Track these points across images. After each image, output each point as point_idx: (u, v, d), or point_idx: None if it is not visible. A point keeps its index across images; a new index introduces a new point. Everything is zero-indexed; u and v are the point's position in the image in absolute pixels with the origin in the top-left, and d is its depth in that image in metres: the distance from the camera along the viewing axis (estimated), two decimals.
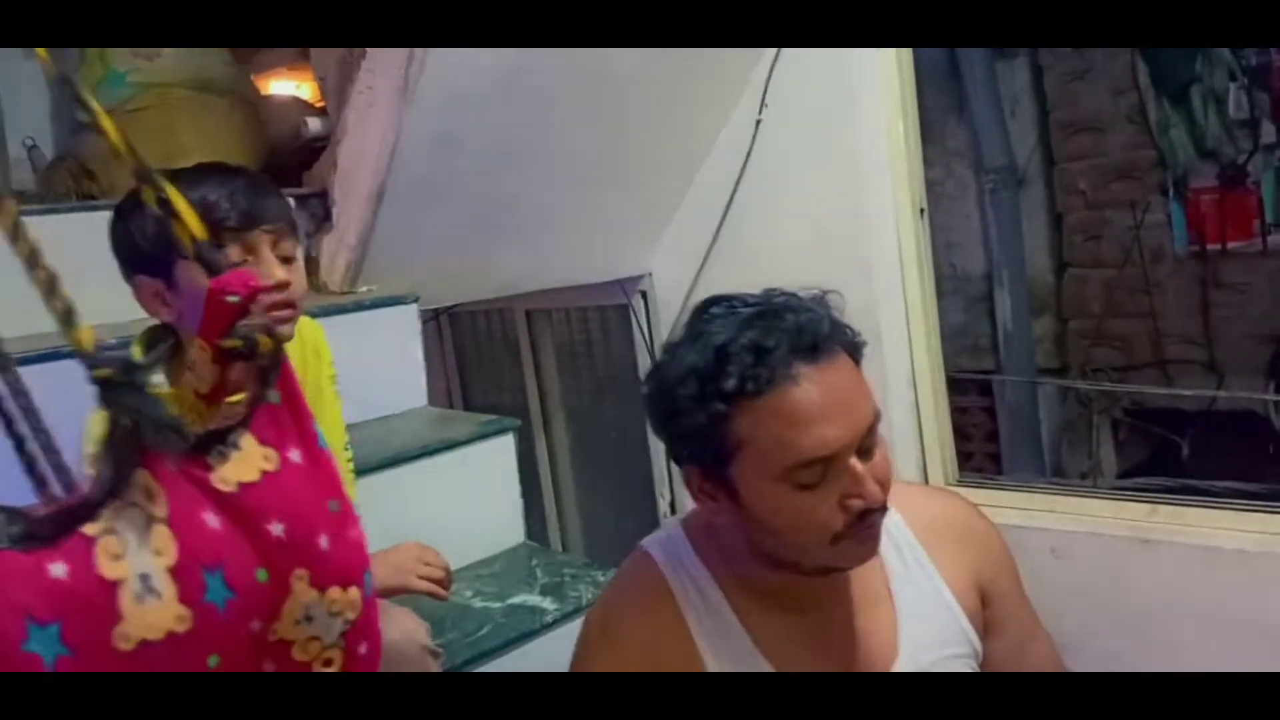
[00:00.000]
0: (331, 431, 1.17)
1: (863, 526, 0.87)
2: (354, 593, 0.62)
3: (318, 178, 1.85)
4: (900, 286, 1.92)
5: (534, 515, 2.87)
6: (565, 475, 2.86)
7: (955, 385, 3.44)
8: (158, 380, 1.03)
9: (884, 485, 0.88)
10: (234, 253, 0.98)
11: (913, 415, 1.95)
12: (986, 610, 1.03)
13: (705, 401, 0.85)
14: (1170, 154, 2.91)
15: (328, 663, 0.62)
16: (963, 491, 1.92)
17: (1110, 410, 3.22)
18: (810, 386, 0.85)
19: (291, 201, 1.80)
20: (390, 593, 1.06)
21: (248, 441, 0.56)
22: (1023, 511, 1.81)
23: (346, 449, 1.20)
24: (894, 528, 1.01)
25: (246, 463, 0.56)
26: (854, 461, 0.86)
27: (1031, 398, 3.37)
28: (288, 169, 2.08)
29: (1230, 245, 2.88)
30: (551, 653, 1.31)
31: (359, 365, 1.66)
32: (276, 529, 0.56)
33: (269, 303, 1.01)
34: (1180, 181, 2.93)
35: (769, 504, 0.87)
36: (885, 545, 1.00)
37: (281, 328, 1.02)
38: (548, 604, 1.42)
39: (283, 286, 1.01)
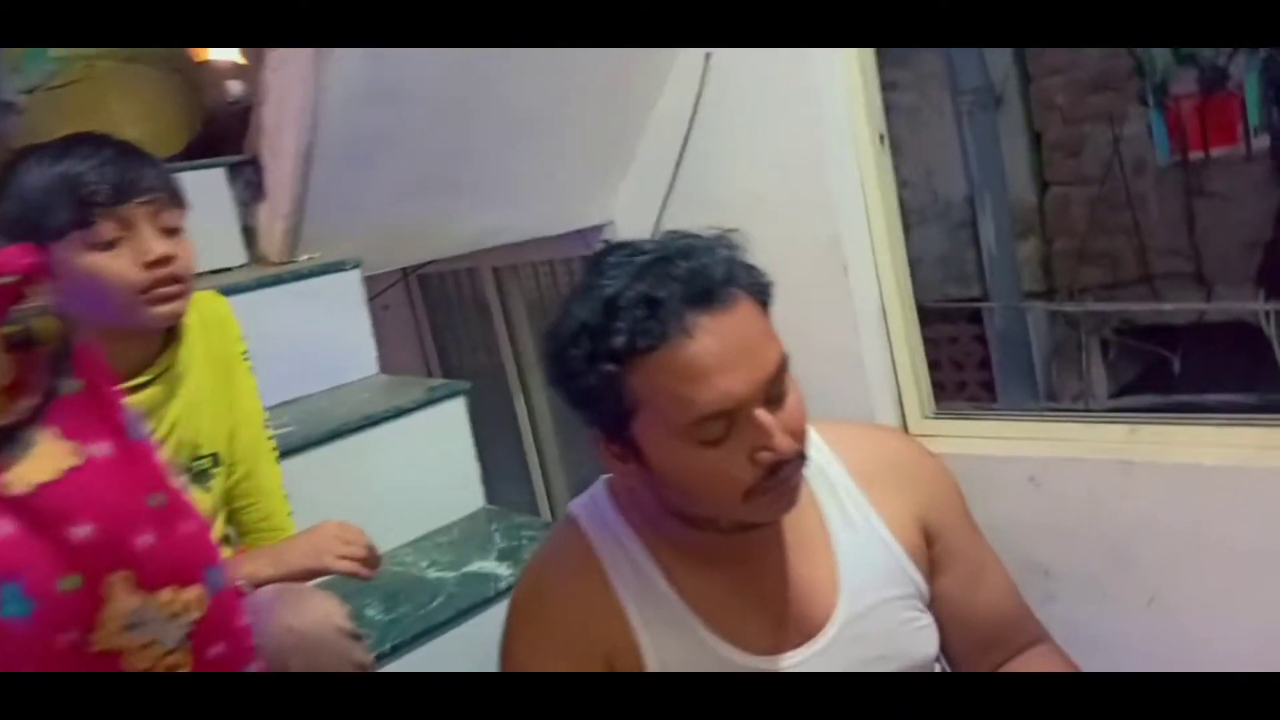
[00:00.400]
0: (247, 410, 1.12)
1: (776, 480, 0.82)
2: (195, 591, 0.57)
3: (251, 143, 1.78)
4: (864, 218, 1.85)
5: (518, 476, 2.85)
6: (547, 433, 2.82)
7: (944, 314, 3.40)
8: None
9: (796, 434, 0.83)
10: (108, 229, 0.92)
11: (885, 349, 1.89)
12: (932, 548, 0.99)
13: (596, 362, 0.81)
14: (1148, 62, 2.81)
15: (172, 667, 0.57)
16: (938, 424, 1.87)
17: (1100, 330, 3.15)
18: (705, 337, 0.80)
19: (223, 170, 1.75)
20: (309, 575, 1.02)
21: (45, 437, 0.51)
22: (1000, 441, 1.76)
23: (265, 427, 1.15)
24: (829, 469, 0.97)
25: (44, 460, 0.51)
26: (759, 412, 0.80)
27: (1020, 322, 3.31)
28: (227, 136, 2.02)
29: (1213, 152, 2.79)
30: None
31: (304, 336, 1.62)
32: (83, 531, 0.51)
33: (152, 279, 0.95)
34: (1159, 89, 2.82)
35: (675, 463, 0.82)
36: (820, 488, 0.96)
37: (169, 305, 0.97)
38: (503, 570, 1.39)
39: (165, 261, 0.95)
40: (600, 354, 0.80)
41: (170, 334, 1.04)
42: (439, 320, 3.01)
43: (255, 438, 1.13)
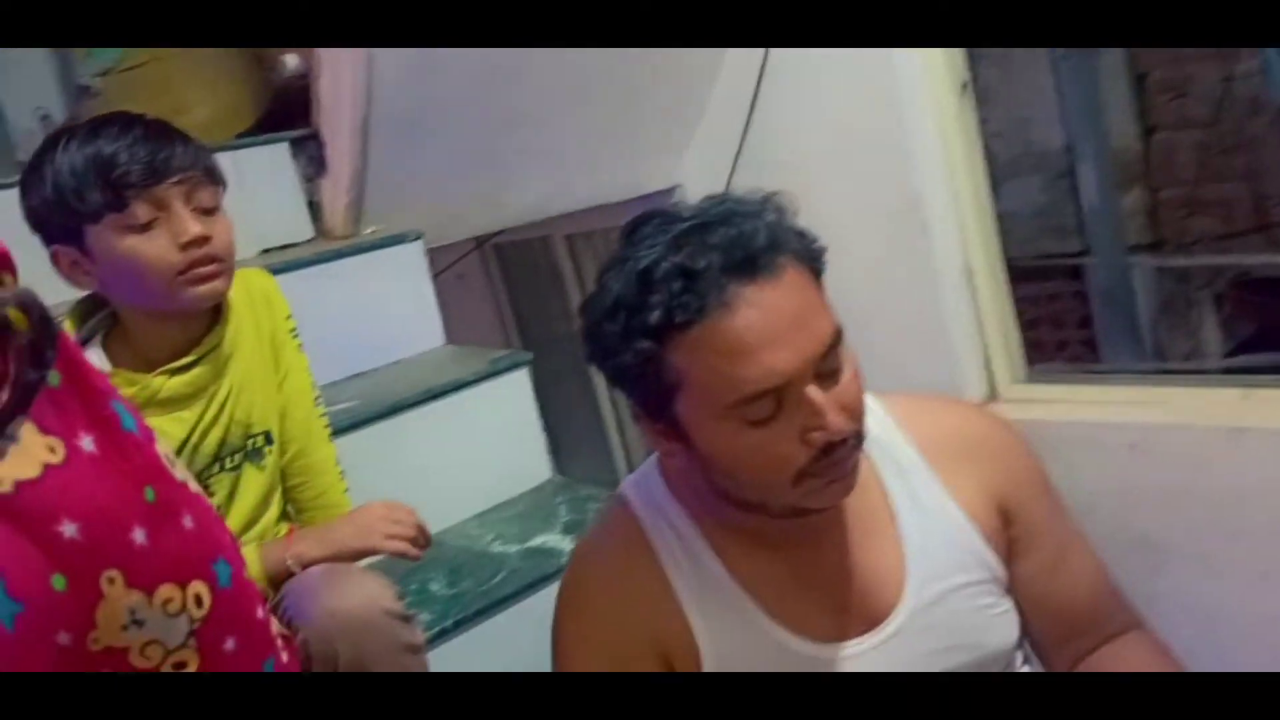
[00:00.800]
0: (297, 388, 1.11)
1: (829, 463, 0.76)
2: (198, 587, 0.55)
3: (314, 118, 1.77)
4: (946, 173, 1.75)
5: (596, 445, 2.83)
6: (624, 401, 2.79)
7: (1041, 271, 3.23)
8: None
9: (852, 413, 0.76)
10: (142, 211, 0.91)
11: (971, 312, 1.79)
12: (1010, 530, 0.91)
13: (631, 339, 0.75)
14: None
15: (179, 665, 0.55)
16: (1030, 389, 1.78)
17: (1211, 284, 2.95)
18: (749, 310, 0.73)
19: (286, 145, 1.75)
20: (357, 555, 1.00)
21: (27, 432, 0.49)
22: (1098, 406, 1.66)
23: (317, 404, 1.14)
24: (894, 446, 0.90)
25: (25, 457, 0.48)
26: (811, 389, 0.74)
27: (1124, 278, 3.12)
28: (295, 112, 2.02)
29: None
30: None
31: (368, 310, 1.61)
32: (69, 529, 0.49)
33: (189, 260, 0.94)
34: None
35: (720, 445, 0.77)
36: (885, 466, 0.89)
37: (207, 285, 0.96)
38: (566, 544, 1.36)
39: (202, 241, 0.94)
40: (636, 330, 0.75)
41: (215, 313, 1.03)
42: (515, 289, 3.00)
43: (307, 415, 1.12)
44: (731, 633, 0.86)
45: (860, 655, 0.86)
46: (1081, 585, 0.92)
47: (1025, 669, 0.93)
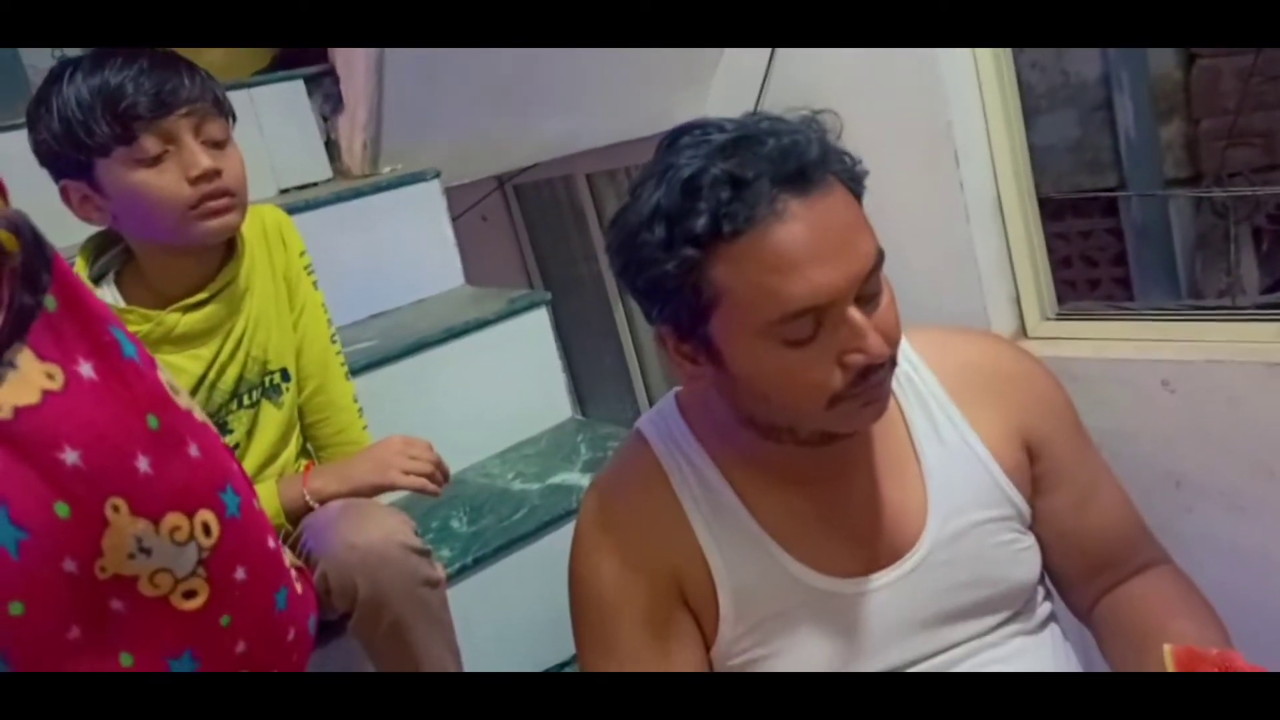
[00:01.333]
0: (312, 325, 1.10)
1: (866, 386, 0.74)
2: (205, 516, 0.55)
3: (331, 54, 1.74)
4: (979, 102, 1.70)
5: (621, 386, 2.83)
6: (646, 341, 2.78)
7: (1075, 206, 3.15)
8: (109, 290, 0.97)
9: (889, 337, 0.74)
10: (151, 145, 0.90)
11: (1001, 245, 1.76)
12: (1036, 466, 0.89)
13: (673, 248, 0.72)
14: None
15: (189, 594, 0.55)
16: (1060, 325, 1.75)
17: (1252, 218, 2.86)
18: (797, 224, 0.71)
19: (302, 83, 1.72)
20: (375, 491, 1.00)
21: (25, 359, 0.48)
22: (1129, 343, 1.63)
23: (334, 341, 1.13)
24: (917, 379, 0.88)
25: (24, 384, 0.48)
26: (852, 311, 0.72)
27: (1161, 213, 3.04)
28: (312, 49, 1.99)
29: None
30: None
31: (387, 250, 1.60)
32: (70, 456, 0.48)
33: (199, 194, 0.93)
34: None
35: (755, 364, 0.75)
36: (908, 400, 0.88)
37: (219, 219, 0.95)
38: (586, 482, 1.36)
39: (212, 175, 0.92)
40: (679, 238, 0.72)
41: (229, 249, 1.02)
42: (537, 230, 2.98)
43: (323, 351, 1.11)
44: (747, 567, 0.85)
45: (879, 590, 0.85)
46: (1108, 522, 0.90)
47: (1046, 605, 0.92)
